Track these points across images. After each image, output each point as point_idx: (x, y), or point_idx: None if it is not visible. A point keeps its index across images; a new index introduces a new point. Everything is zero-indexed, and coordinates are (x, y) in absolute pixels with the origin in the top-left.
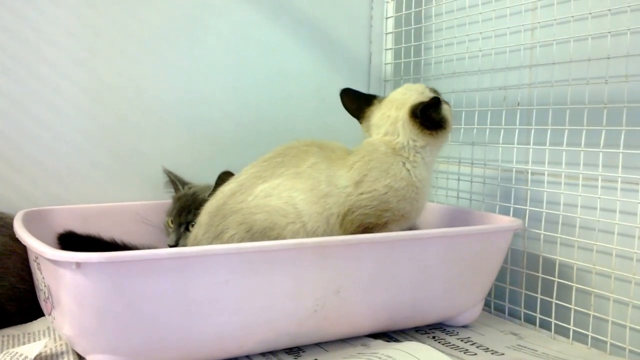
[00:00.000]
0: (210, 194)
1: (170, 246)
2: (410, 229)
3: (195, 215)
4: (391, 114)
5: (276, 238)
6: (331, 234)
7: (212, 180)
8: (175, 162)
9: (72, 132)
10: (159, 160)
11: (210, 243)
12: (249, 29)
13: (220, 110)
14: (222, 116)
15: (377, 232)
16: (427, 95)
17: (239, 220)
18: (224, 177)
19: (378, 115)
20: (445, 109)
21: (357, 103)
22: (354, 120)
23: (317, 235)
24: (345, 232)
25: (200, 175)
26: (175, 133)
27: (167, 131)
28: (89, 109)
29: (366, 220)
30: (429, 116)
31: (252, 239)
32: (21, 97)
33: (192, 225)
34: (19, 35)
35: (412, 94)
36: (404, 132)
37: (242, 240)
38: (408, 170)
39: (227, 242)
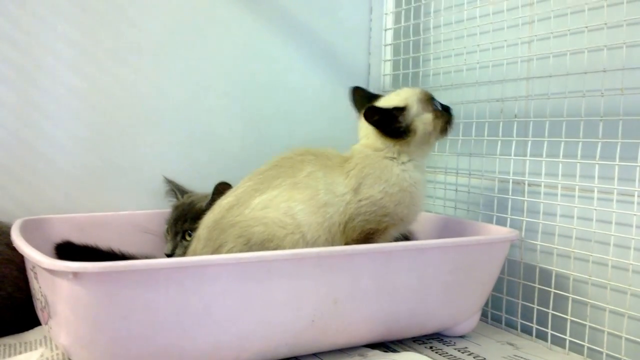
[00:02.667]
0: (208, 205)
1: (167, 255)
2: (407, 238)
3: (192, 224)
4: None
5: (275, 249)
6: (333, 242)
7: (211, 189)
8: (175, 170)
9: (71, 140)
10: (157, 169)
11: None
12: (249, 39)
13: (220, 119)
14: (222, 125)
15: (378, 237)
16: (404, 101)
17: (237, 233)
18: (221, 187)
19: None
20: (414, 118)
21: (362, 103)
22: (352, 128)
23: (317, 245)
24: (347, 240)
25: (200, 184)
26: (175, 142)
27: (166, 140)
28: (88, 118)
29: (367, 227)
30: (384, 125)
31: (251, 251)
32: (19, 105)
33: (189, 234)
34: (18, 43)
35: (394, 98)
36: (373, 137)
37: (240, 252)
38: (397, 174)
39: None
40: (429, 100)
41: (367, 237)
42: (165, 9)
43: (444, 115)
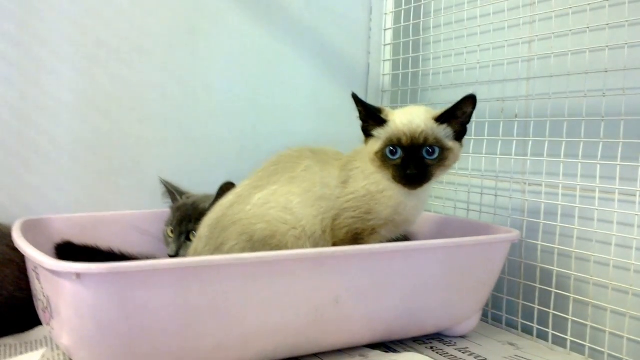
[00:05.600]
0: (212, 204)
1: (171, 256)
2: (408, 238)
3: (196, 224)
4: None
5: (277, 245)
6: (324, 237)
7: (210, 190)
8: (174, 171)
9: (72, 140)
10: (157, 170)
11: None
12: (249, 39)
13: (219, 119)
14: (221, 126)
15: (367, 238)
16: (394, 119)
17: (239, 230)
18: (226, 187)
19: None
20: (374, 135)
21: None
22: (352, 129)
23: (315, 239)
24: (335, 238)
25: (198, 185)
26: (175, 142)
27: (167, 140)
28: (89, 118)
29: (354, 226)
30: (362, 116)
31: (253, 248)
32: (21, 105)
33: (193, 235)
34: (21, 43)
35: (410, 110)
36: None
37: (243, 250)
38: (373, 172)
39: (228, 253)
40: (396, 141)
41: (355, 237)
42: (166, 9)
43: (385, 164)
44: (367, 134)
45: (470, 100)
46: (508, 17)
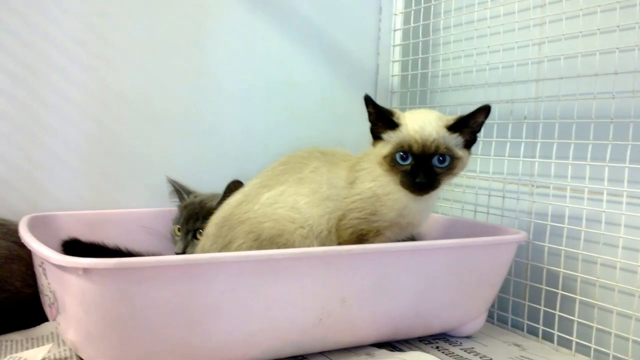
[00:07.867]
0: (219, 202)
1: (178, 254)
2: (414, 239)
3: (203, 222)
4: None
5: (285, 244)
6: (329, 237)
7: (217, 189)
8: (181, 170)
9: (79, 138)
10: (164, 168)
11: None
12: (257, 40)
13: (227, 120)
14: (229, 126)
15: (371, 240)
16: (407, 122)
17: (247, 229)
18: (233, 186)
19: None
20: (384, 138)
21: None
22: (361, 131)
23: (321, 238)
24: (339, 238)
25: (205, 184)
26: (182, 141)
27: (173, 139)
28: (96, 116)
29: (359, 227)
30: (372, 119)
31: (260, 247)
32: (29, 103)
33: (200, 233)
34: (29, 43)
35: (422, 113)
36: None
37: (250, 248)
38: (381, 174)
39: (235, 251)
40: (407, 148)
41: (360, 238)
42: (174, 8)
43: (393, 168)
44: (376, 136)
45: (485, 111)
46: (518, 19)
